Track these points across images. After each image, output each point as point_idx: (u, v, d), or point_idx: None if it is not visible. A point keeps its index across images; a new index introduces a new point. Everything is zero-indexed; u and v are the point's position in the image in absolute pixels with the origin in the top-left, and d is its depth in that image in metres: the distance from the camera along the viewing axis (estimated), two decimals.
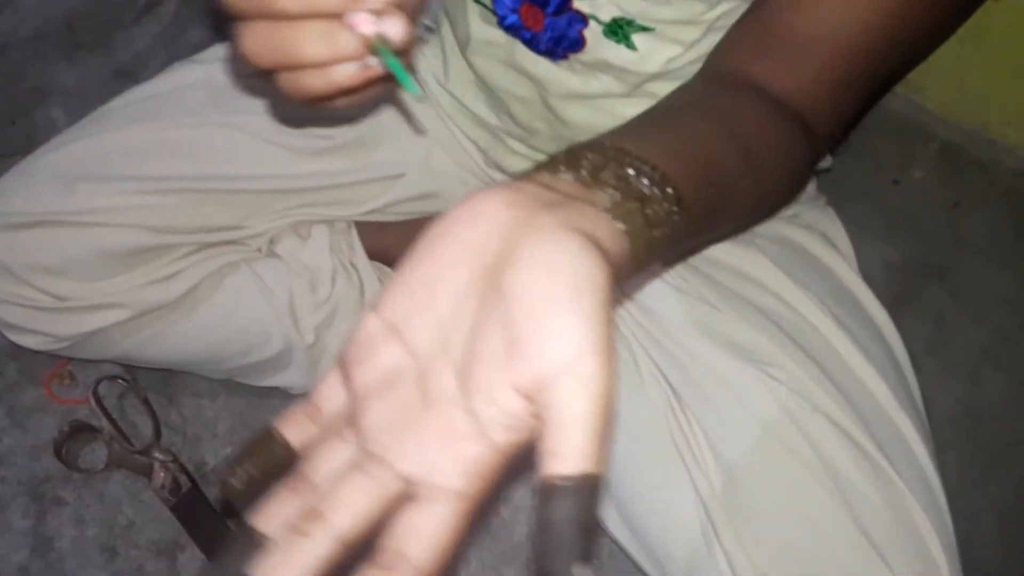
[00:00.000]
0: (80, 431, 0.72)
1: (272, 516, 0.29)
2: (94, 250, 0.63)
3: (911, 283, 0.83)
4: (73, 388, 0.75)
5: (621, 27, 0.54)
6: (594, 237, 0.29)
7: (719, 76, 0.52)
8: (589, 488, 0.25)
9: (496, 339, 0.27)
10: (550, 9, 0.55)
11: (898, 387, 0.55)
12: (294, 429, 0.32)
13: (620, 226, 0.31)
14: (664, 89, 0.55)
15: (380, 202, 0.70)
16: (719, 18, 0.54)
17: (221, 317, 0.67)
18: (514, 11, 0.56)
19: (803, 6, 0.48)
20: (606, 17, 0.54)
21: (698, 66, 0.56)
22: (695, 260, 0.62)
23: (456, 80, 0.66)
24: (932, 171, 0.87)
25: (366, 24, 0.34)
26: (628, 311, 0.61)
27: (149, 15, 0.93)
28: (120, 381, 0.73)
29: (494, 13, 0.57)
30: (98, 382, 0.72)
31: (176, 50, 0.92)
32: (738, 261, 0.61)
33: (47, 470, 0.72)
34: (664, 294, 0.60)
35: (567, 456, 0.25)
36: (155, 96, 0.67)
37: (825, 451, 0.51)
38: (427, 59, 0.67)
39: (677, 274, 0.61)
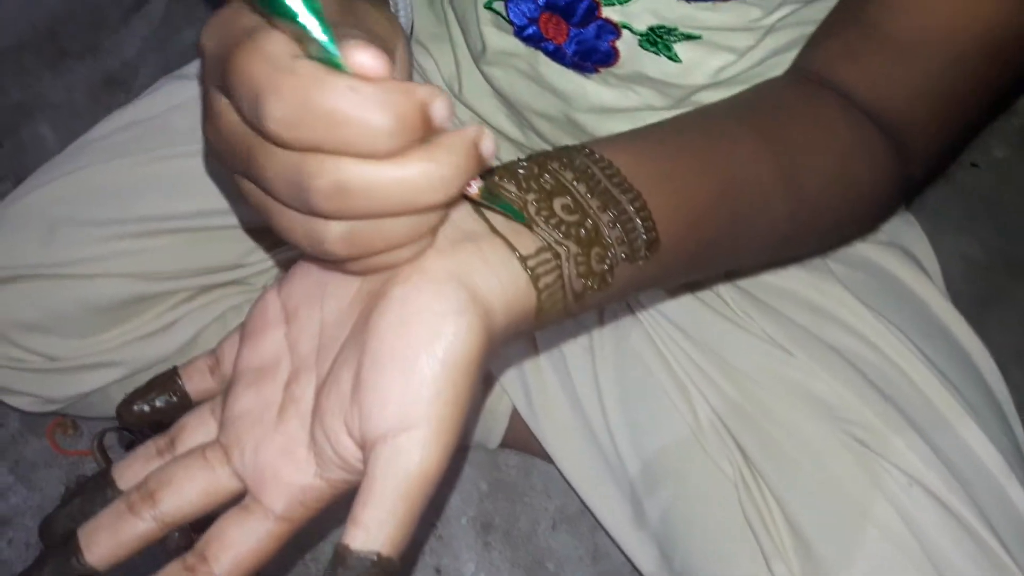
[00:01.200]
0: (87, 486, 0.67)
1: (130, 471, 0.33)
2: (81, 304, 0.57)
3: (995, 281, 0.74)
4: (78, 438, 0.70)
5: (660, 36, 0.45)
6: (481, 296, 0.28)
7: (800, 77, 0.44)
8: (379, 570, 0.25)
9: (348, 375, 0.28)
10: (575, 19, 0.46)
11: (1005, 445, 0.47)
12: (195, 377, 0.34)
13: (529, 284, 0.29)
14: (716, 98, 0.47)
15: None
16: (779, 20, 0.45)
17: None
18: (532, 21, 0.48)
19: (907, 6, 0.39)
20: (642, 26, 0.45)
21: (756, 73, 0.47)
22: (756, 289, 0.54)
23: (472, 91, 0.57)
24: (1016, 150, 0.77)
25: (474, 183, 0.28)
26: (687, 353, 0.54)
27: (137, 15, 0.85)
28: (125, 432, 0.68)
29: (509, 22, 0.49)
30: (102, 434, 0.66)
31: (168, 53, 0.84)
32: (808, 291, 0.52)
33: None
34: (726, 334, 0.52)
35: (368, 528, 0.26)
36: (141, 122, 0.60)
37: (925, 532, 0.44)
38: (438, 66, 0.59)
39: (738, 307, 0.53)
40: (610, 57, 0.47)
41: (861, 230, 0.50)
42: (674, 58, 0.46)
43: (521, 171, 0.32)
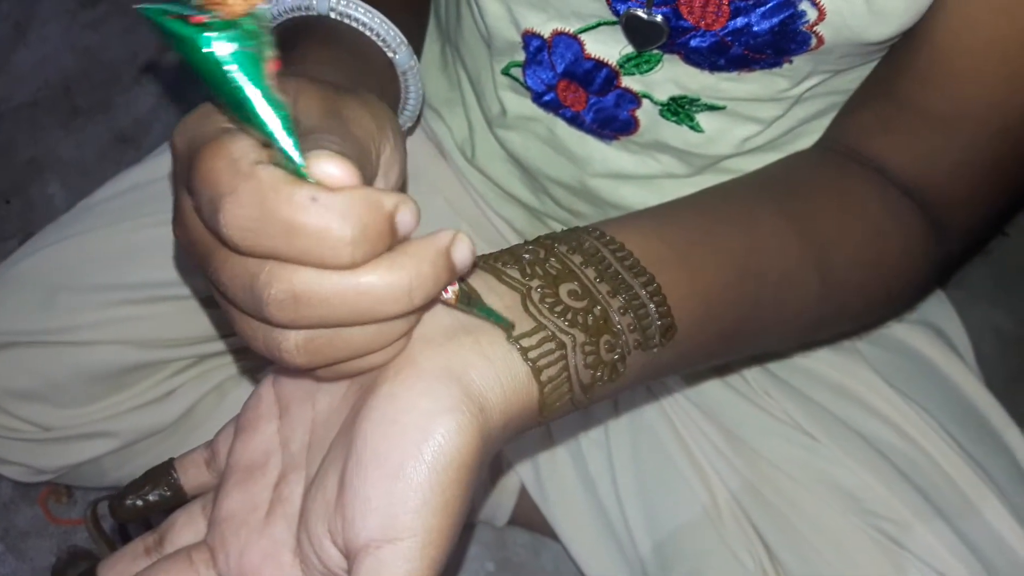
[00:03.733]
0: (78, 558, 0.64)
1: (115, 571, 0.31)
2: (77, 372, 0.54)
3: None
4: (71, 506, 0.68)
5: (682, 107, 0.43)
6: (476, 393, 0.26)
7: (832, 151, 0.42)
8: None
9: (334, 477, 0.26)
10: (593, 87, 0.44)
11: None
12: (191, 470, 0.33)
13: (531, 377, 0.28)
14: (741, 165, 0.45)
15: None
16: (808, 91, 0.43)
17: None
18: (550, 88, 0.46)
19: (946, 80, 0.37)
20: (663, 96, 0.43)
21: (783, 141, 0.45)
22: (779, 369, 0.51)
23: (485, 155, 0.56)
24: None
25: (450, 288, 0.26)
26: (705, 433, 0.51)
27: (151, 73, 0.85)
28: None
29: (527, 88, 0.47)
30: (95, 503, 0.64)
31: (179, 111, 0.84)
32: (834, 373, 0.50)
33: None
34: (746, 415, 0.50)
35: None
36: (144, 184, 0.59)
37: None
38: (451, 130, 0.58)
39: (759, 386, 0.51)
40: (630, 126, 0.45)
41: (895, 311, 0.48)
42: (696, 128, 0.44)
43: (526, 256, 0.31)
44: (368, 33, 0.41)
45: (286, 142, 0.23)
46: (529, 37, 0.44)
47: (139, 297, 0.55)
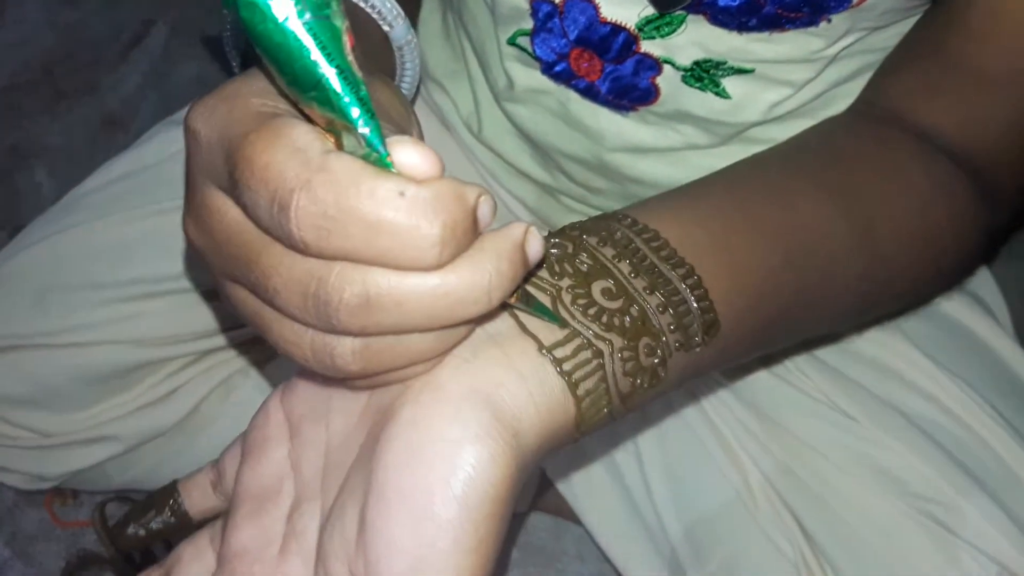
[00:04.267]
0: (88, 562, 0.62)
1: None
2: (74, 375, 0.52)
3: None
4: (78, 508, 0.66)
5: (707, 71, 0.40)
6: (508, 416, 0.23)
7: (870, 117, 0.39)
8: None
9: (353, 512, 0.24)
10: (610, 55, 0.41)
11: None
12: (196, 493, 0.31)
13: (566, 392, 0.25)
14: (769, 133, 0.42)
15: None
16: (843, 50, 0.39)
17: (232, 438, 0.56)
18: (562, 57, 0.43)
19: (1005, 38, 0.34)
20: (686, 61, 0.40)
21: (815, 106, 0.42)
22: (813, 345, 0.48)
23: (493, 131, 0.53)
24: None
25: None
26: (735, 414, 0.48)
27: (137, 49, 0.81)
28: (128, 500, 0.63)
29: (536, 58, 0.44)
30: (102, 506, 0.62)
31: (168, 89, 0.80)
32: (872, 347, 0.47)
33: None
34: (779, 395, 0.47)
35: None
36: (135, 173, 0.56)
37: None
38: (456, 104, 0.54)
39: (793, 364, 0.48)
40: (650, 95, 0.42)
41: (945, 288, 0.45)
42: (722, 94, 0.41)
43: (554, 252, 0.28)
44: (362, 4, 0.38)
45: (369, 127, 0.20)
46: (538, 3, 0.41)
47: (135, 293, 0.52)
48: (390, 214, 0.20)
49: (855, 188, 0.35)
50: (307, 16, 0.19)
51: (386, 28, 0.39)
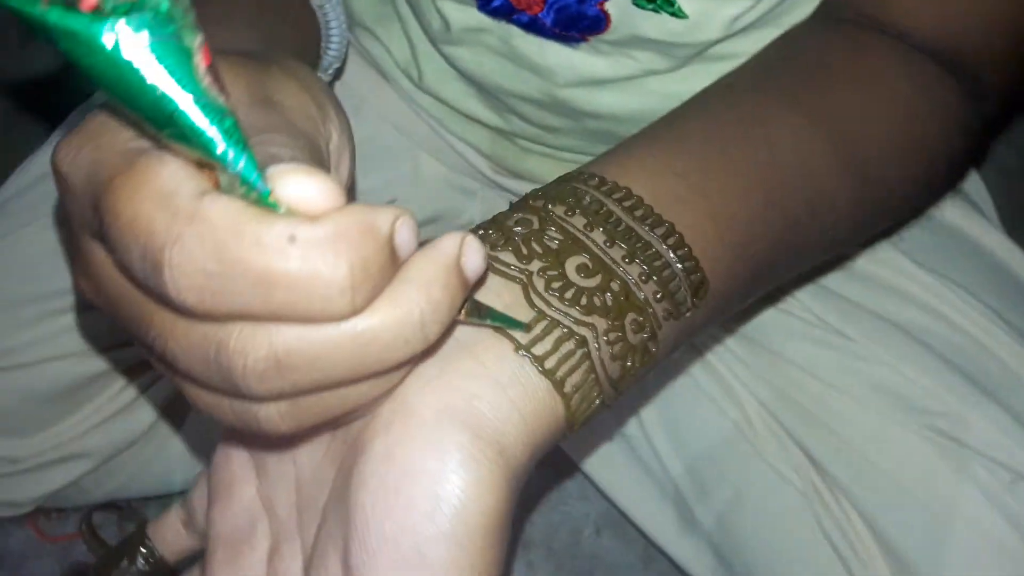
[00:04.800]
0: (83, 574, 0.60)
1: None
2: (26, 396, 0.49)
3: None
4: (64, 521, 0.63)
5: None
6: (490, 432, 0.21)
7: (840, 21, 0.36)
8: None
9: (335, 557, 0.21)
10: None
11: None
12: (168, 536, 0.29)
13: (551, 391, 0.23)
14: (733, 48, 0.39)
15: None
16: None
17: (207, 435, 0.53)
18: None
19: None
20: None
21: (779, 13, 0.39)
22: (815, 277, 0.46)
23: (435, 77, 0.49)
24: None
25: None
26: (726, 345, 0.47)
27: None
28: (114, 506, 0.61)
29: None
30: (88, 516, 0.60)
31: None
32: (863, 263, 0.45)
33: None
34: (776, 326, 0.45)
35: None
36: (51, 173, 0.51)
37: (1020, 519, 0.38)
38: (390, 51, 0.50)
39: (785, 292, 0.46)
40: (600, 23, 0.39)
41: (938, 198, 0.43)
42: (678, 13, 0.37)
43: (517, 229, 0.25)
44: None
45: (239, 161, 0.17)
46: None
47: (71, 304, 0.48)
48: (281, 265, 0.17)
49: (834, 108, 0.32)
50: (144, 39, 0.15)
51: None
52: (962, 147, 0.36)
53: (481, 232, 0.26)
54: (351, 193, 0.25)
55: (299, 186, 0.17)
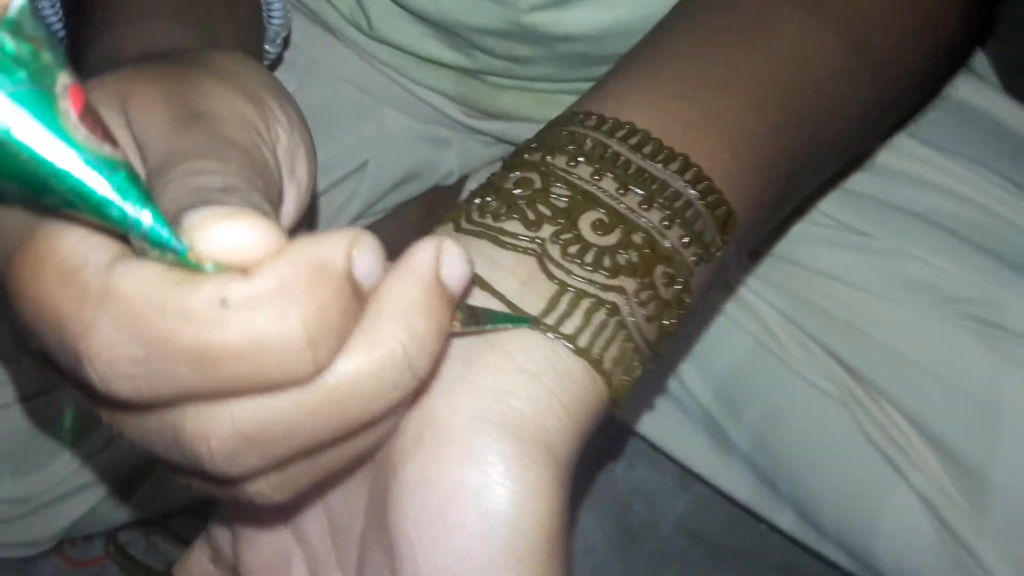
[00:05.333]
0: None
1: None
2: (17, 435, 0.46)
3: None
4: (90, 546, 0.62)
5: None
6: (532, 431, 0.19)
7: None
8: None
9: None
10: None
11: None
12: (196, 572, 0.27)
13: (589, 371, 0.20)
14: None
15: (346, 218, 0.51)
16: None
17: None
18: None
19: None
20: None
21: None
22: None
23: (385, 23, 0.45)
24: None
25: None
26: (750, 269, 0.44)
27: None
28: (139, 524, 0.59)
29: None
30: (114, 537, 0.58)
31: None
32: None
33: None
34: (791, 234, 0.43)
35: None
36: None
37: None
38: (333, 2, 0.46)
39: None
40: None
41: (948, 77, 0.40)
42: None
43: (519, 193, 0.22)
44: None
45: (141, 221, 0.14)
46: None
47: None
48: (217, 336, 0.14)
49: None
50: None
51: None
52: (967, 20, 0.32)
53: (478, 201, 0.23)
54: (311, 201, 0.22)
55: (223, 234, 0.14)
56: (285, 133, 0.21)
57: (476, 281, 0.21)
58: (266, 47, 0.36)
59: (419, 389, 0.18)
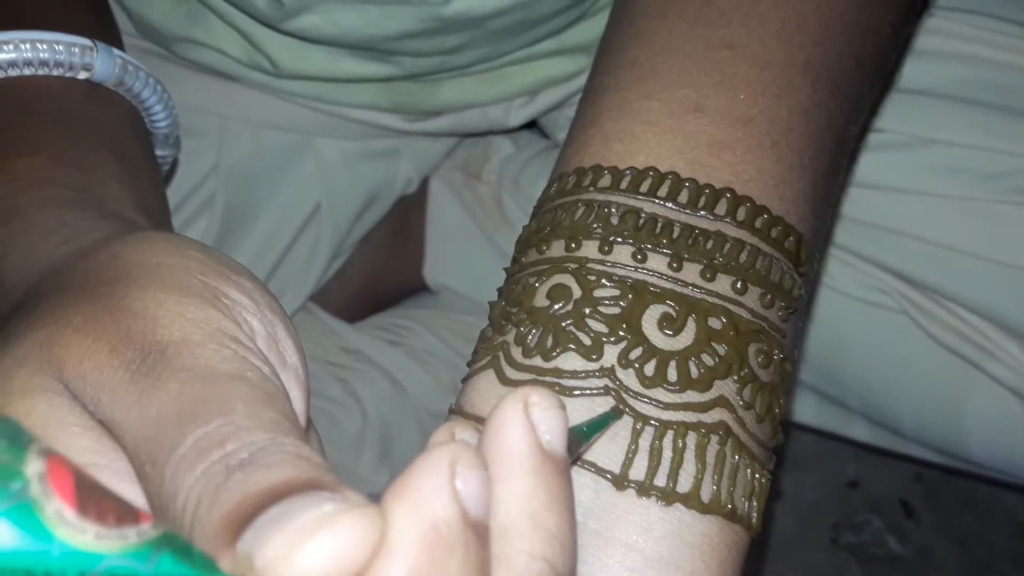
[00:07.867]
0: None
1: None
2: None
3: None
4: None
5: None
6: None
7: None
8: None
9: None
10: None
11: None
12: None
13: (723, 525, 0.17)
14: None
15: (318, 267, 0.46)
16: None
17: None
18: None
19: None
20: None
21: None
22: None
23: (291, 59, 0.39)
24: None
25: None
26: None
27: None
28: None
29: None
30: None
31: None
32: None
33: None
34: None
35: None
36: None
37: None
38: (223, 49, 0.40)
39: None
40: None
41: None
42: None
43: (558, 310, 0.18)
44: (38, 71, 0.24)
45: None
46: None
47: None
48: None
49: None
50: None
51: (83, 76, 0.25)
52: None
53: (514, 333, 0.18)
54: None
55: (317, 555, 0.11)
56: (255, 317, 0.16)
57: (571, 442, 0.17)
58: (159, 152, 0.30)
59: None
